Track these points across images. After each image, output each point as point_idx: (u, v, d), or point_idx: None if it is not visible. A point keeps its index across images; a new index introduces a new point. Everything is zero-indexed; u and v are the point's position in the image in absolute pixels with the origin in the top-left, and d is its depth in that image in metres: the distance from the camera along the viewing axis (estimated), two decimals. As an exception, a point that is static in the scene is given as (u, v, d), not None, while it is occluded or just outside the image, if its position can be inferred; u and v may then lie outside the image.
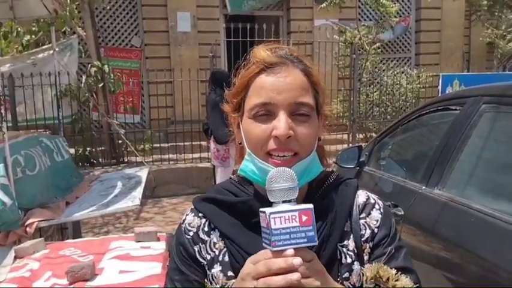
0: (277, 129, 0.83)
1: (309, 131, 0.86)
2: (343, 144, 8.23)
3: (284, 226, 0.73)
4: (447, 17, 10.14)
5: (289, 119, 0.84)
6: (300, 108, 0.85)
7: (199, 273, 0.91)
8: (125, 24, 9.13)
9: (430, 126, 2.76)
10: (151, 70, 8.25)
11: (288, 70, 0.87)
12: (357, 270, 0.89)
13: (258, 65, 0.88)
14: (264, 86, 0.86)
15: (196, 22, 9.08)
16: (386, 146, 3.15)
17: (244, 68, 0.91)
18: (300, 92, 0.86)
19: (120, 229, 5.20)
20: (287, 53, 0.90)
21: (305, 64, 0.91)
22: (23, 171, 3.08)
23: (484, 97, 2.08)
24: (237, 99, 0.92)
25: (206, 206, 0.94)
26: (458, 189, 2.01)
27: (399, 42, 10.44)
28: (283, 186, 0.77)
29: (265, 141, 0.84)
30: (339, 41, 8.45)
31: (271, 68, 0.87)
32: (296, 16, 9.62)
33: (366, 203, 0.95)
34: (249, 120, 0.87)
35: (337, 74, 8.57)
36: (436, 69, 9.27)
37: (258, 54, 0.89)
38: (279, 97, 0.84)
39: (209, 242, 0.92)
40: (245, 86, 0.90)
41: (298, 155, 0.84)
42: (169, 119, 8.73)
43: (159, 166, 7.23)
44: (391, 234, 0.93)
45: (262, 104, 0.85)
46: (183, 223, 0.96)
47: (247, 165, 0.89)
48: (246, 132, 0.88)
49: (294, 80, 0.86)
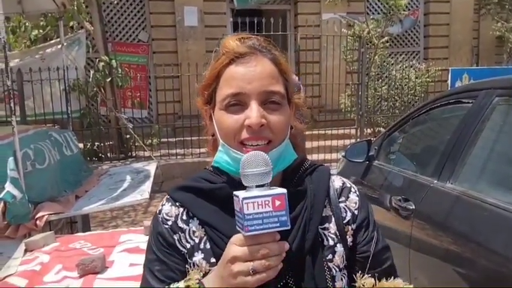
0: (249, 118, 0.83)
1: (281, 118, 0.86)
2: (351, 139, 8.18)
3: (257, 211, 0.74)
4: (456, 10, 10.03)
5: (260, 108, 0.84)
6: (271, 96, 0.86)
7: (181, 261, 0.90)
8: (132, 19, 9.14)
9: (441, 120, 2.73)
10: (159, 65, 8.25)
11: (257, 59, 0.87)
12: (340, 252, 0.92)
13: (227, 56, 0.88)
14: (234, 77, 0.86)
15: (203, 16, 9.06)
16: (397, 140, 3.12)
17: (214, 59, 0.91)
18: (270, 80, 0.87)
19: (128, 223, 5.22)
20: (255, 43, 0.90)
21: (274, 53, 0.91)
22: (33, 165, 3.10)
23: (496, 90, 2.04)
24: (208, 92, 0.92)
25: (183, 194, 0.93)
26: (471, 183, 1.98)
27: (408, 36, 10.34)
28: (257, 171, 0.77)
29: (238, 131, 0.85)
30: (347, 34, 8.39)
31: (241, 58, 0.87)
32: (303, 10, 9.55)
33: (342, 187, 0.98)
34: (221, 111, 0.87)
35: (345, 68, 8.52)
36: (445, 64, 9.16)
37: (227, 45, 0.89)
38: (250, 86, 0.85)
39: (188, 230, 0.91)
40: (215, 77, 0.90)
41: (271, 143, 0.85)
42: (177, 114, 8.74)
43: (167, 161, 7.24)
44: (369, 216, 0.97)
45: (234, 94, 0.85)
46: (159, 213, 0.95)
47: (221, 156, 0.89)
48: (218, 124, 0.88)
49: (263, 69, 0.87)
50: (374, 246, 0.94)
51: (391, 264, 0.96)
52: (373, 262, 0.93)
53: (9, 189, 2.74)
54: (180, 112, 8.76)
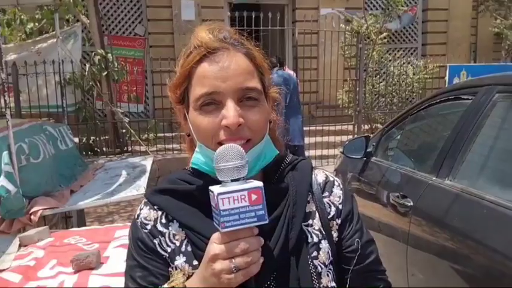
0: (226, 118, 0.80)
1: (260, 115, 0.83)
2: (349, 135, 8.17)
3: (233, 206, 0.72)
4: (454, 7, 10.02)
5: (237, 106, 0.81)
6: (247, 93, 0.82)
7: (162, 265, 0.87)
8: (129, 13, 9.07)
9: (440, 116, 2.71)
10: (155, 59, 8.18)
11: (230, 55, 0.83)
12: (325, 248, 0.89)
13: (198, 52, 0.83)
14: (206, 75, 0.82)
15: (201, 10, 9.00)
16: (395, 137, 3.11)
17: (185, 54, 0.86)
18: (246, 76, 0.82)
19: (125, 218, 5.19)
20: (227, 36, 0.86)
21: (247, 47, 0.87)
22: (27, 159, 3.06)
23: (497, 86, 2.02)
24: (180, 90, 0.88)
25: (161, 197, 0.90)
26: (470, 180, 1.96)
27: (406, 32, 10.32)
28: (232, 164, 0.74)
29: (216, 132, 0.81)
30: (345, 30, 8.35)
31: (213, 55, 0.82)
32: (302, 5, 9.51)
33: (326, 182, 0.96)
34: (196, 112, 0.83)
35: (343, 64, 8.49)
36: (443, 60, 9.16)
37: (199, 37, 0.84)
38: (224, 85, 0.81)
39: (168, 233, 0.88)
40: (187, 75, 0.85)
41: (251, 141, 0.82)
42: (173, 108, 8.69)
43: (164, 156, 7.21)
44: (353, 208, 0.95)
45: (208, 93, 0.81)
46: (137, 218, 0.91)
47: (198, 157, 0.86)
48: (194, 125, 0.85)
49: (237, 65, 0.82)
50: (359, 240, 0.92)
51: (376, 257, 0.95)
52: (359, 257, 0.91)
53: (3, 183, 2.70)
54: (176, 107, 8.71)
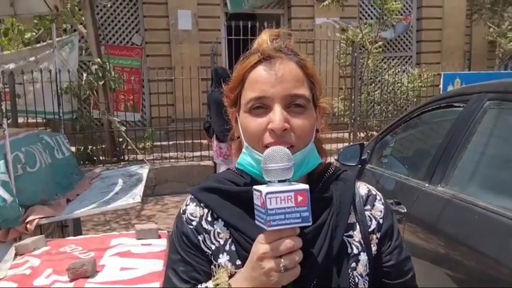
0: (272, 122, 0.83)
1: (305, 122, 0.86)
2: (344, 142, 8.19)
3: (279, 206, 0.74)
4: (448, 15, 10.12)
5: (284, 111, 0.84)
6: (295, 100, 0.85)
7: (205, 262, 0.90)
8: (126, 22, 9.12)
9: (433, 124, 2.75)
10: (152, 68, 8.24)
11: (282, 63, 0.87)
12: (364, 261, 0.91)
13: (253, 58, 0.88)
14: (258, 80, 0.86)
15: (197, 20, 9.07)
16: (389, 144, 3.14)
17: (241, 60, 0.92)
18: (294, 83, 0.86)
19: (123, 226, 5.19)
20: (282, 46, 0.90)
21: (299, 57, 0.91)
22: (24, 168, 3.07)
23: (488, 94, 2.06)
24: (233, 94, 0.93)
25: (208, 195, 0.93)
26: (462, 186, 1.99)
27: (400, 40, 10.41)
28: (279, 166, 0.77)
29: (262, 134, 0.84)
30: (340, 39, 8.43)
31: (266, 61, 0.87)
32: (297, 14, 9.59)
33: (368, 195, 0.97)
34: (245, 114, 0.88)
35: (339, 73, 8.55)
36: (438, 68, 9.24)
37: (261, 40, 0.89)
38: (273, 90, 0.84)
39: (213, 231, 0.91)
40: (241, 80, 0.90)
41: (294, 147, 0.84)
42: (170, 117, 8.72)
43: (161, 164, 7.22)
44: (394, 224, 0.96)
45: (257, 97, 0.85)
46: (183, 213, 0.94)
47: (244, 158, 0.89)
48: (243, 126, 0.89)
49: (288, 72, 0.86)
50: (397, 256, 0.94)
51: (413, 275, 0.96)
52: (395, 272, 0.93)
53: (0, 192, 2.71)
54: (173, 115, 8.74)
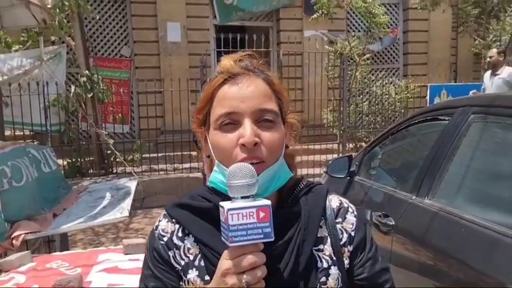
0: (243, 137, 0.84)
1: (275, 136, 0.86)
2: (333, 153, 8.25)
3: (241, 222, 0.75)
4: (434, 28, 10.29)
5: (254, 126, 0.85)
6: (264, 114, 0.86)
7: (175, 278, 0.91)
8: (115, 34, 9.10)
9: (419, 136, 2.78)
10: (141, 80, 8.22)
11: (250, 79, 0.88)
12: (335, 275, 0.90)
13: (221, 77, 0.89)
14: (227, 96, 0.87)
15: (187, 32, 9.10)
16: (377, 156, 3.17)
17: (209, 82, 0.93)
18: (263, 99, 0.87)
19: (111, 240, 5.12)
20: (249, 64, 0.92)
21: (266, 73, 0.92)
22: (10, 183, 3.03)
23: (472, 107, 2.10)
24: (202, 114, 0.93)
25: (180, 211, 0.94)
26: (449, 199, 2.01)
27: (387, 53, 10.55)
28: (242, 182, 0.78)
29: (233, 150, 0.85)
30: (328, 51, 8.52)
31: (234, 79, 0.88)
32: (286, 27, 9.68)
33: (339, 207, 0.97)
34: (215, 131, 0.88)
35: (327, 84, 8.63)
36: (424, 80, 9.38)
37: (223, 64, 0.91)
38: (243, 105, 0.86)
39: (183, 247, 0.92)
40: (209, 99, 0.91)
41: (265, 163, 0.85)
42: (159, 129, 8.69)
43: (149, 176, 7.17)
44: (367, 236, 0.96)
45: (227, 113, 0.86)
46: (156, 229, 0.96)
47: (216, 176, 0.90)
48: (213, 144, 0.89)
49: (256, 88, 0.88)
50: (370, 268, 0.93)
51: (390, 287, 0.95)
52: (369, 285, 0.93)
53: (-16, 208, 2.67)
54: (162, 127, 8.71)
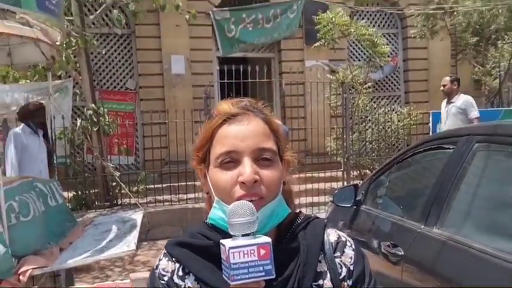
0: (243, 175, 0.86)
1: (273, 174, 0.89)
2: (338, 181, 8.24)
3: (242, 260, 0.77)
4: (434, 56, 10.45)
5: (254, 164, 0.87)
6: (263, 153, 0.89)
7: None
8: (120, 68, 9.30)
9: (425, 165, 2.80)
10: (146, 112, 8.34)
11: (249, 118, 0.92)
12: None
13: (220, 117, 0.93)
14: (227, 135, 0.90)
15: (190, 64, 9.28)
16: (383, 184, 3.17)
17: (207, 122, 0.96)
18: (262, 138, 0.90)
19: (118, 273, 5.06)
20: (247, 104, 0.96)
21: (265, 113, 0.96)
22: (17, 218, 3.04)
23: (475, 136, 2.12)
24: (202, 152, 0.95)
25: (179, 250, 0.95)
26: (457, 228, 2.01)
27: (388, 81, 10.69)
28: (243, 220, 0.80)
29: (232, 187, 0.87)
30: (330, 80, 8.65)
31: (233, 118, 0.92)
32: (287, 57, 9.87)
33: (338, 242, 0.98)
34: (216, 169, 0.90)
35: (330, 113, 8.71)
36: (426, 107, 9.45)
37: (220, 108, 0.95)
38: (243, 144, 0.88)
39: (184, 286, 0.92)
40: (209, 138, 0.94)
41: (264, 199, 0.87)
42: (164, 160, 8.73)
43: (154, 207, 7.15)
44: (365, 270, 0.97)
45: (227, 152, 0.88)
46: (156, 268, 0.96)
47: (215, 212, 0.91)
48: (213, 181, 0.91)
49: (255, 127, 0.91)
50: None
51: None
52: None
53: (-8, 243, 2.67)
54: (167, 158, 8.75)
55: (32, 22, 3.22)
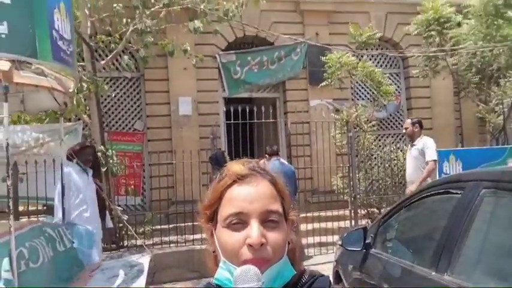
0: (250, 237, 0.88)
1: (280, 236, 0.92)
2: (346, 220, 8.17)
3: None
4: (436, 94, 10.57)
5: (261, 226, 0.90)
6: (270, 215, 0.92)
7: None
8: (129, 110, 9.49)
9: (433, 209, 2.80)
10: (153, 152, 8.43)
11: (257, 180, 0.96)
12: None
13: (230, 178, 0.96)
14: (235, 197, 0.94)
15: (197, 105, 9.45)
16: (392, 227, 3.16)
17: (217, 181, 1.00)
18: (270, 200, 0.94)
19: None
20: (256, 166, 1.00)
21: (271, 175, 1.00)
22: (27, 264, 3.05)
23: (483, 182, 2.14)
24: (210, 211, 0.99)
25: None
26: (468, 275, 2.00)
27: (392, 119, 10.79)
28: (249, 285, 0.82)
29: (240, 249, 0.89)
30: (334, 119, 8.75)
31: (242, 180, 0.95)
32: (292, 97, 10.03)
33: None
34: (223, 229, 0.93)
35: (335, 151, 8.75)
36: (431, 144, 9.46)
37: (231, 168, 0.99)
38: (251, 207, 0.91)
39: None
40: (218, 198, 0.97)
41: (270, 261, 0.89)
42: (170, 200, 8.73)
43: (161, 249, 7.09)
44: None
45: (235, 213, 0.91)
46: None
47: (222, 273, 0.93)
48: (220, 241, 0.94)
49: (263, 189, 0.95)
50: None
51: None
52: None
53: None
54: (173, 198, 8.76)
55: (46, 72, 3.35)
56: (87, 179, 4.69)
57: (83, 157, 4.67)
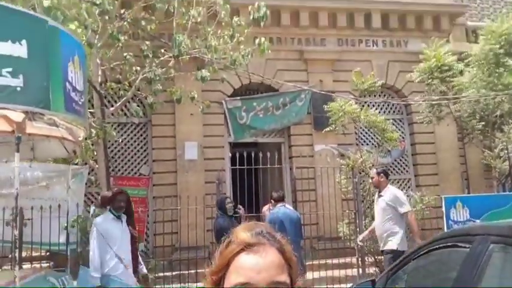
0: None
1: None
2: (353, 268, 7.99)
3: None
4: (441, 140, 10.62)
5: None
6: (277, 286, 0.92)
7: None
8: (135, 155, 9.58)
9: (442, 261, 2.76)
10: (159, 197, 8.42)
11: (265, 249, 0.96)
12: None
13: (237, 245, 0.97)
14: (243, 266, 0.94)
15: (203, 150, 9.54)
16: (401, 280, 3.11)
17: (225, 247, 1.00)
18: (277, 270, 0.94)
19: None
20: (263, 231, 1.00)
21: (279, 241, 1.00)
22: (29, 316, 3.00)
23: (491, 236, 2.13)
24: (217, 276, 0.99)
25: None
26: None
27: (397, 164, 10.79)
28: None
29: None
30: (340, 164, 8.76)
31: (250, 249, 0.96)
32: (297, 142, 10.12)
33: None
34: None
35: (341, 196, 8.71)
36: (437, 190, 9.43)
37: (238, 236, 0.99)
38: (258, 277, 0.92)
39: None
40: (225, 265, 0.97)
41: None
42: (174, 246, 8.62)
43: (163, 298, 6.94)
44: None
45: (242, 283, 0.92)
46: None
47: None
48: None
49: (271, 259, 0.95)
50: None
51: None
52: None
53: None
54: (177, 244, 8.65)
55: (58, 122, 3.44)
56: (121, 226, 4.53)
57: (116, 204, 4.56)
